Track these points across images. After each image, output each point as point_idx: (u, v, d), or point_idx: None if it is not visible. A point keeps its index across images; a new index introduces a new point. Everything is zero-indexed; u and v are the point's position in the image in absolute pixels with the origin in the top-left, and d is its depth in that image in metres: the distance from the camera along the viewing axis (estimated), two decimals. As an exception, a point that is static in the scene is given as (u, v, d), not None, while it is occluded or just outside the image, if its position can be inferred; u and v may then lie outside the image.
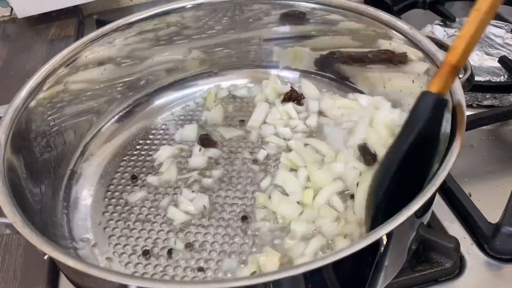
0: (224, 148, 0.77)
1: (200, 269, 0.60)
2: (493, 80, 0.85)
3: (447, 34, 0.97)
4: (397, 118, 0.71)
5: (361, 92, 0.81)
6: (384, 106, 0.73)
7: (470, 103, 0.83)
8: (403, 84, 0.73)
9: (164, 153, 0.76)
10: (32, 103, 0.66)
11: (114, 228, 0.66)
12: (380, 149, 0.68)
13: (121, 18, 0.79)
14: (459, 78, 0.60)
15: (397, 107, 0.74)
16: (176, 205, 0.68)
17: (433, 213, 0.65)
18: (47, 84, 0.69)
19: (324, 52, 0.84)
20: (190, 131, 0.79)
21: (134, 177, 0.73)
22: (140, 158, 0.77)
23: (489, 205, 0.66)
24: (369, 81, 0.81)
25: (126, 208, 0.69)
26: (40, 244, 0.47)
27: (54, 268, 0.64)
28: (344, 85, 0.84)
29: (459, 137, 0.52)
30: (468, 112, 0.56)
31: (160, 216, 0.67)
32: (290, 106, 0.80)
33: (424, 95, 0.54)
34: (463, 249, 0.60)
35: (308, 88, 0.84)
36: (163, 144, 0.78)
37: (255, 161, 0.74)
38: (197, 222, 0.66)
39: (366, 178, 0.62)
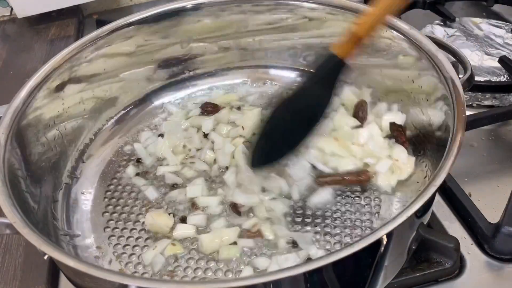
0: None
1: (200, 269, 0.60)
2: (493, 80, 0.85)
3: (447, 34, 0.97)
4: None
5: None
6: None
7: (470, 103, 0.83)
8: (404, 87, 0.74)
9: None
10: (32, 103, 0.66)
11: (114, 228, 0.66)
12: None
13: (121, 18, 0.79)
14: (459, 78, 0.60)
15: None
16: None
17: (433, 213, 0.65)
18: (47, 84, 0.69)
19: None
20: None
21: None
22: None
23: (489, 205, 0.66)
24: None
25: (126, 208, 0.69)
26: (40, 244, 0.47)
27: (54, 268, 0.64)
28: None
29: (459, 136, 0.52)
30: (468, 112, 0.56)
31: (160, 216, 0.67)
32: None
33: (327, 54, 0.61)
34: (463, 249, 0.60)
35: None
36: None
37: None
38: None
39: None
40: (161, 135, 0.79)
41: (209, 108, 0.82)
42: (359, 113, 0.77)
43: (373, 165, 0.69)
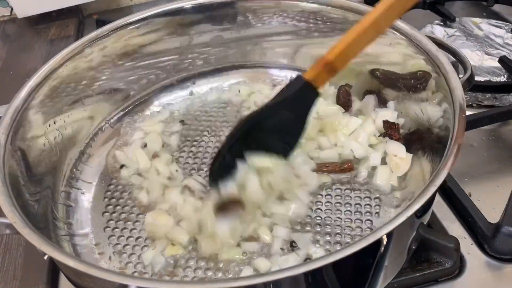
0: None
1: (200, 269, 0.60)
2: (493, 80, 0.85)
3: (447, 34, 0.97)
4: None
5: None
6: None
7: (470, 103, 0.83)
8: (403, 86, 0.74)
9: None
10: (32, 103, 0.66)
11: (114, 228, 0.66)
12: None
13: (121, 18, 0.79)
14: (459, 78, 0.60)
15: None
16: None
17: (433, 213, 0.65)
18: (47, 84, 0.69)
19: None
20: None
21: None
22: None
23: (489, 205, 0.66)
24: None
25: (126, 208, 0.69)
26: (40, 244, 0.47)
27: (54, 268, 0.64)
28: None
29: (459, 136, 0.52)
30: (468, 112, 0.56)
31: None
32: None
33: (296, 78, 0.59)
34: (463, 249, 0.60)
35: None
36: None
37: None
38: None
39: None
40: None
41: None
42: (341, 98, 0.79)
43: (361, 157, 0.71)
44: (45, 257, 0.48)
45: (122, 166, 0.75)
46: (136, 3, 1.31)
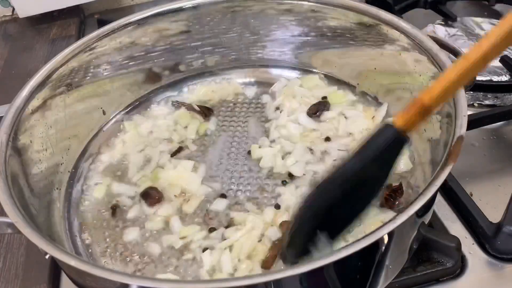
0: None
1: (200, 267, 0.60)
2: (494, 80, 0.84)
3: (449, 34, 0.97)
4: None
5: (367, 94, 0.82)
6: None
7: (471, 103, 0.83)
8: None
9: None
10: (34, 103, 0.66)
11: (115, 228, 0.66)
12: None
13: (122, 18, 0.79)
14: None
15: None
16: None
17: (434, 213, 0.65)
18: (48, 84, 0.69)
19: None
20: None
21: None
22: (141, 158, 0.77)
23: (490, 205, 0.66)
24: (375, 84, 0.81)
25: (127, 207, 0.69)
26: (41, 243, 0.47)
27: (56, 267, 0.64)
28: (348, 85, 0.84)
29: (461, 136, 0.52)
30: (469, 112, 0.56)
31: (161, 215, 0.67)
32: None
33: (385, 127, 0.48)
34: (464, 249, 0.60)
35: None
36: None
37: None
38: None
39: None
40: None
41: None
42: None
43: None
44: (47, 256, 0.49)
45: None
46: (138, 2, 1.31)
